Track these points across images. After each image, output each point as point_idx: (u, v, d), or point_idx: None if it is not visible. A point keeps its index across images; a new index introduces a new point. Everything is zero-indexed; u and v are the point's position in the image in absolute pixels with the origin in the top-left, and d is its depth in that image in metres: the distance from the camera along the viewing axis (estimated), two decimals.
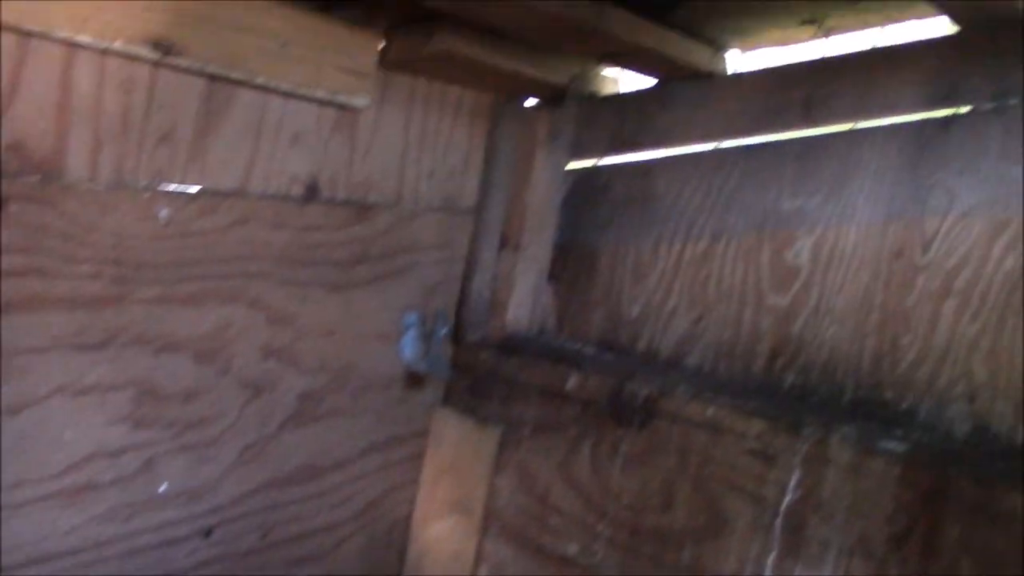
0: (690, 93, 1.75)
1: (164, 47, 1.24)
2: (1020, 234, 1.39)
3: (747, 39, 1.69)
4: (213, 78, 1.34)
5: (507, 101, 1.86)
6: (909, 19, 1.52)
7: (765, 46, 1.70)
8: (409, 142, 1.69)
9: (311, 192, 1.53)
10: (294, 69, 1.40)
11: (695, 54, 1.66)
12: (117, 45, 1.20)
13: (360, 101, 1.53)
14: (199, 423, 1.40)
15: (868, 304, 1.54)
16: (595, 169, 1.92)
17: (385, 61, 1.57)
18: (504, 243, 1.89)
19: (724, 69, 1.75)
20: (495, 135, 1.86)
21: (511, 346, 1.84)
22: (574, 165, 1.92)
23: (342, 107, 1.53)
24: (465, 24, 1.48)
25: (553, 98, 1.84)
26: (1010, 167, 1.41)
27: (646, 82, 1.83)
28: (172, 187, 1.35)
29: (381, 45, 1.56)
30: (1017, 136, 1.40)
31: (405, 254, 1.73)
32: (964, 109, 1.46)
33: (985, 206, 1.43)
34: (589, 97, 1.88)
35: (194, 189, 1.37)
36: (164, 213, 1.33)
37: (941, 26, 1.48)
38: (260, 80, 1.37)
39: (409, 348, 1.77)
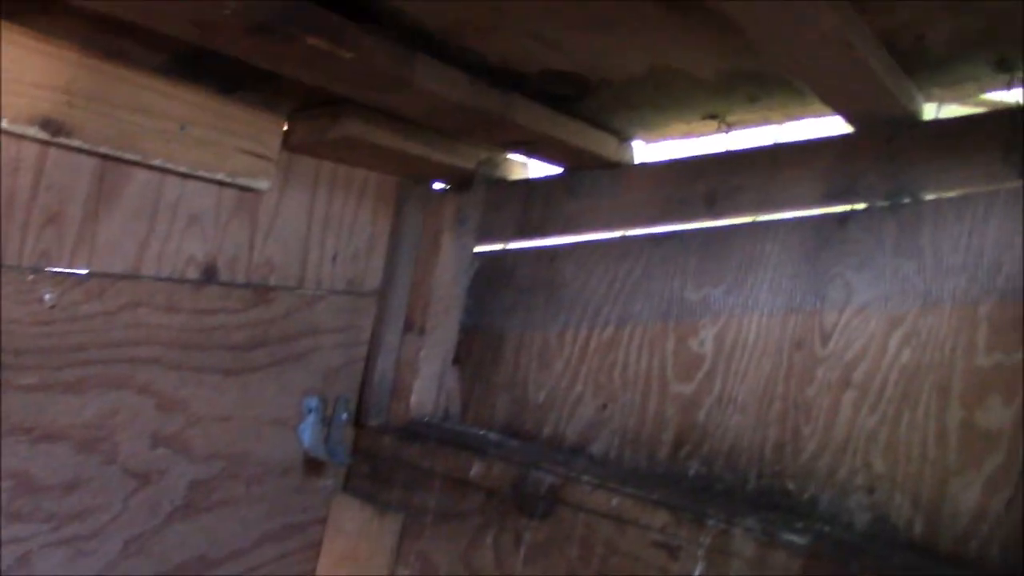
0: (597, 182, 1.77)
1: (54, 127, 1.20)
2: (915, 329, 1.41)
3: (652, 131, 1.71)
4: (106, 158, 1.31)
5: (414, 184, 1.85)
6: (808, 116, 1.56)
7: (670, 138, 1.72)
8: (313, 224, 1.66)
9: (208, 274, 1.49)
10: (193, 151, 1.37)
11: (601, 144, 1.67)
12: (3, 124, 1.16)
13: (262, 184, 1.50)
14: (80, 515, 1.33)
15: (770, 394, 1.54)
16: (502, 253, 1.91)
17: (289, 144, 1.55)
18: (409, 326, 1.86)
19: (631, 159, 1.77)
20: (401, 218, 1.85)
21: (414, 431, 1.80)
22: (481, 249, 1.91)
23: (244, 189, 1.50)
24: (371, 109, 1.46)
25: (461, 182, 1.84)
26: (904, 263, 1.44)
27: (554, 168, 1.84)
28: (59, 269, 1.29)
29: (285, 128, 1.54)
30: (911, 233, 1.44)
31: (306, 337, 1.69)
32: (861, 206, 1.50)
33: (881, 300, 1.45)
34: (497, 181, 1.88)
35: (82, 271, 1.32)
36: (49, 296, 1.28)
37: (839, 125, 1.52)
38: (157, 162, 1.34)
39: (308, 433, 1.72)
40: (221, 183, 1.46)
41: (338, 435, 1.78)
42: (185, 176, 1.41)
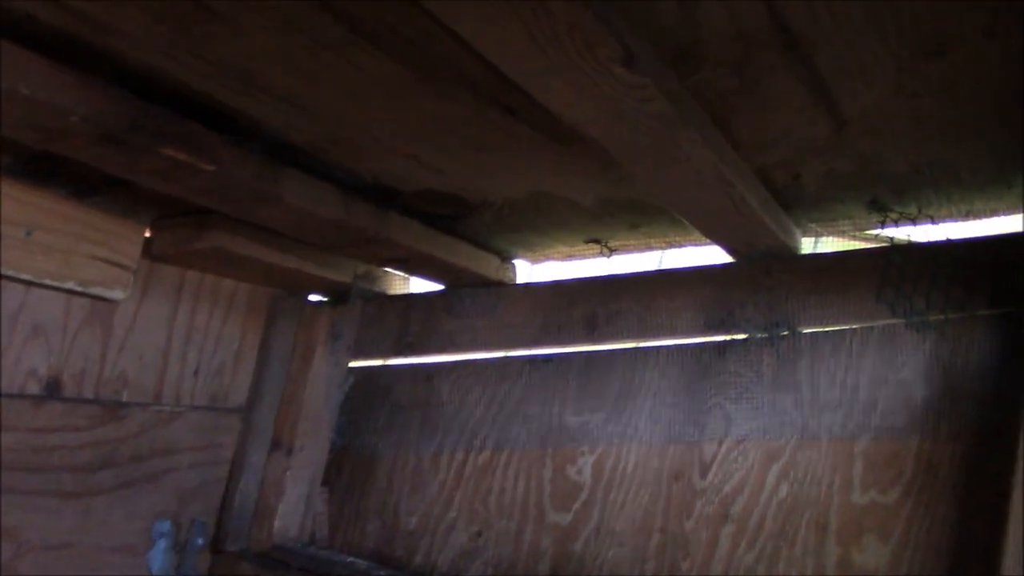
0: (477, 301, 1.72)
1: None
2: (792, 463, 1.39)
3: (535, 252, 1.69)
4: None
5: (287, 296, 1.78)
6: (690, 244, 1.55)
7: (553, 259, 1.70)
8: (174, 336, 1.57)
9: (51, 390, 1.38)
10: (39, 258, 1.28)
11: (482, 263, 1.64)
12: None
13: (117, 293, 1.41)
14: None
15: (649, 526, 1.49)
16: (378, 370, 1.84)
17: (151, 252, 1.47)
18: (276, 445, 1.76)
19: (512, 278, 1.74)
20: (272, 330, 1.77)
21: (276, 558, 1.69)
22: (356, 365, 1.84)
23: (97, 299, 1.41)
24: (239, 220, 1.40)
25: (336, 295, 1.78)
26: (782, 396, 1.42)
27: (435, 285, 1.79)
28: None
29: (146, 235, 1.46)
30: (788, 366, 1.42)
31: (160, 457, 1.58)
32: (740, 336, 1.48)
33: (759, 433, 1.43)
34: (375, 296, 1.82)
35: None
36: None
37: (719, 254, 1.52)
38: None
39: (159, 560, 1.60)
40: (71, 292, 1.37)
41: (191, 562, 1.65)
42: (29, 284, 1.31)
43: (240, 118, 1.13)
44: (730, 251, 1.46)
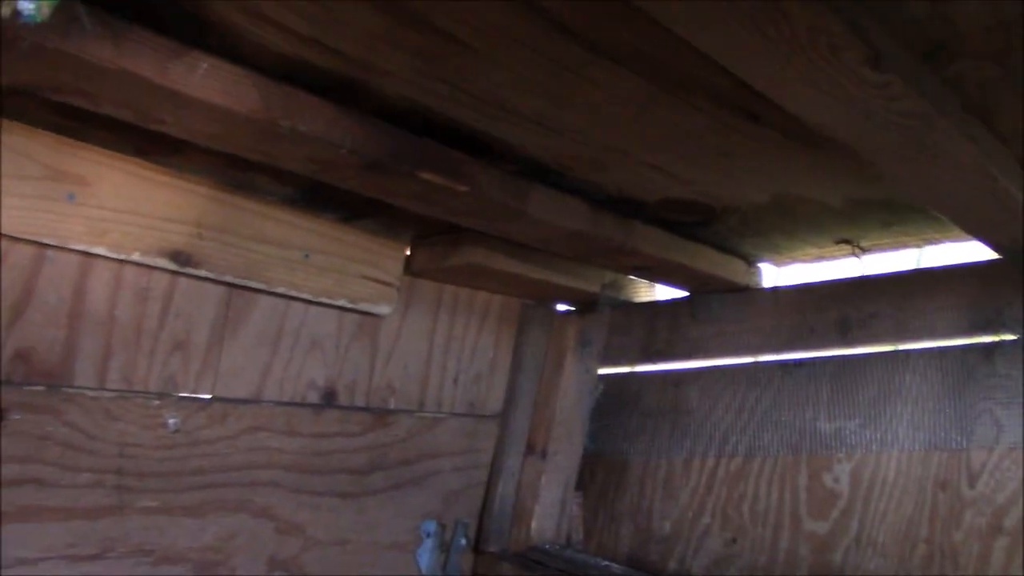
0: (724, 306, 1.71)
1: (183, 258, 1.24)
2: None
3: (782, 255, 1.65)
4: (232, 287, 1.34)
5: (537, 306, 1.84)
6: (948, 241, 1.47)
7: (801, 261, 1.66)
8: (434, 347, 1.66)
9: (328, 398, 1.49)
10: (316, 278, 1.39)
11: (727, 268, 1.62)
12: (135, 256, 1.20)
13: (383, 309, 1.51)
14: None
15: (913, 537, 1.42)
16: (626, 377, 1.86)
17: (411, 269, 1.56)
18: (530, 450, 1.82)
19: (759, 282, 1.71)
20: (523, 340, 1.83)
21: (534, 559, 1.74)
22: (605, 371, 1.87)
23: (365, 314, 1.51)
24: (491, 235, 1.46)
25: (584, 304, 1.82)
26: None
27: (680, 291, 1.79)
28: (183, 395, 1.31)
29: (407, 254, 1.55)
30: None
31: (425, 460, 1.67)
32: (1009, 337, 1.39)
33: None
34: (621, 304, 1.85)
35: (206, 397, 1.34)
36: (173, 421, 1.30)
37: (982, 250, 1.43)
38: (281, 289, 1.37)
39: (426, 558, 1.69)
40: (343, 308, 1.48)
41: (456, 561, 1.74)
42: (308, 303, 1.44)
43: (492, 142, 1.18)
44: (995, 247, 1.37)
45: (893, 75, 0.81)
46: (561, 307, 1.86)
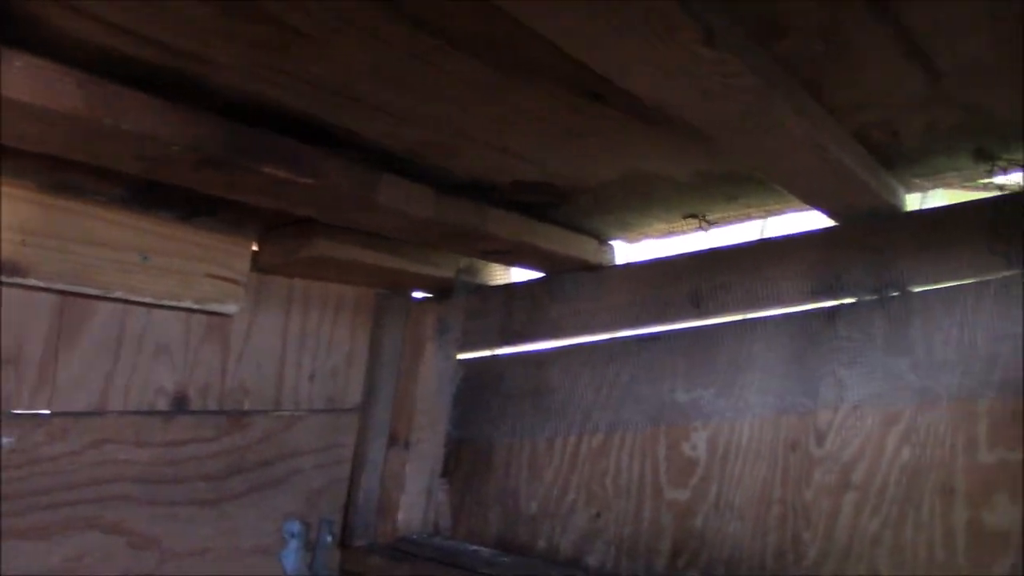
0: (579, 285, 1.72)
1: (8, 268, 1.16)
2: (913, 426, 1.36)
3: (632, 231, 1.68)
4: (64, 294, 1.26)
5: (393, 295, 1.81)
6: (790, 211, 1.52)
7: (651, 237, 1.69)
8: (288, 344, 1.62)
9: (178, 404, 1.44)
10: (157, 280, 1.33)
11: (580, 247, 1.64)
12: None
13: (231, 308, 1.46)
14: None
15: (768, 498, 1.48)
16: (487, 361, 1.86)
17: (259, 265, 1.51)
18: (393, 441, 1.80)
19: (612, 260, 1.73)
20: (381, 330, 1.80)
21: (403, 550, 1.73)
22: (465, 356, 1.86)
23: (213, 314, 1.46)
24: (341, 227, 1.43)
25: (440, 290, 1.80)
26: (896, 359, 1.39)
27: (536, 272, 1.80)
28: (18, 412, 1.24)
29: (254, 249, 1.50)
30: (901, 328, 1.39)
31: (285, 460, 1.63)
32: (848, 301, 1.45)
33: (875, 398, 1.39)
34: (478, 288, 1.84)
35: (44, 412, 1.27)
36: (7, 441, 1.22)
37: (822, 218, 1.48)
38: (118, 294, 1.30)
39: (291, 559, 1.65)
40: (189, 310, 1.42)
41: (323, 559, 1.70)
42: (150, 306, 1.37)
43: (336, 131, 1.15)
44: (832, 214, 1.43)
45: (727, 52, 0.82)
46: (417, 295, 1.84)
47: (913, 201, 1.46)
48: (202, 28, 0.87)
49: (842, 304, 1.45)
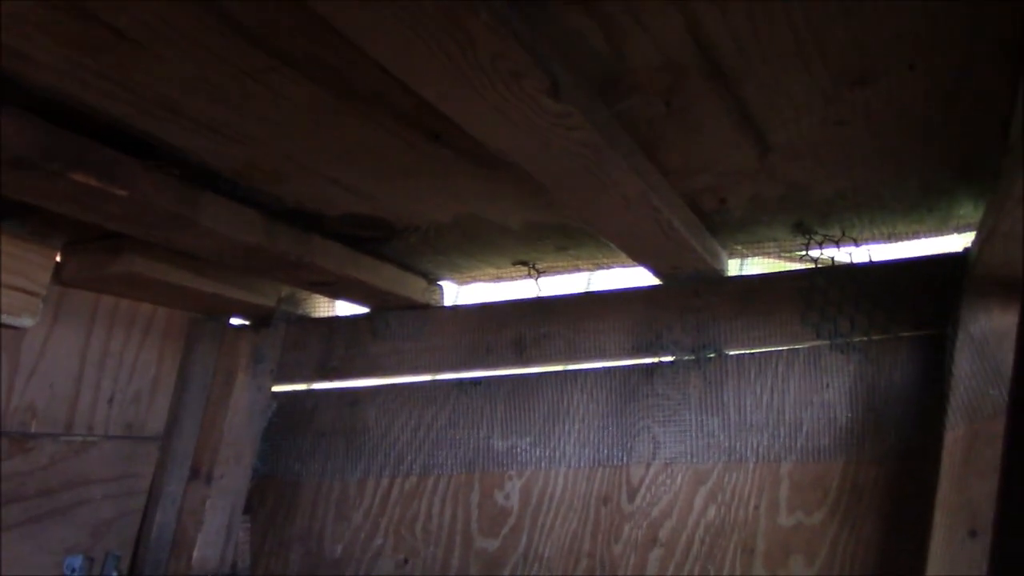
0: (403, 324, 1.69)
1: None
2: (720, 485, 1.39)
3: (462, 274, 1.66)
4: None
5: (207, 320, 1.73)
6: (617, 266, 1.55)
7: (481, 281, 1.68)
8: (86, 364, 1.51)
9: None
10: None
11: (408, 286, 1.61)
12: None
13: (25, 321, 1.35)
14: None
15: (577, 551, 1.47)
16: (302, 395, 1.80)
17: (62, 278, 1.41)
18: (195, 474, 1.71)
19: (439, 301, 1.71)
20: (191, 356, 1.71)
21: None
22: (279, 390, 1.80)
23: (3, 327, 1.34)
24: (156, 244, 1.35)
25: (258, 318, 1.74)
26: (709, 418, 1.42)
27: (360, 308, 1.76)
28: None
29: (57, 260, 1.40)
30: (715, 388, 1.42)
31: (71, 489, 1.51)
32: (668, 359, 1.48)
33: (687, 456, 1.42)
34: (299, 319, 1.78)
35: None
36: None
37: (648, 276, 1.51)
38: None
39: None
40: None
41: None
42: None
43: (159, 144, 1.08)
44: (658, 273, 1.46)
45: (571, 106, 0.82)
46: (234, 321, 1.77)
47: (734, 266, 1.51)
48: (22, 20, 0.80)
49: (661, 362, 1.48)
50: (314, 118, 1.00)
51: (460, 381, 1.64)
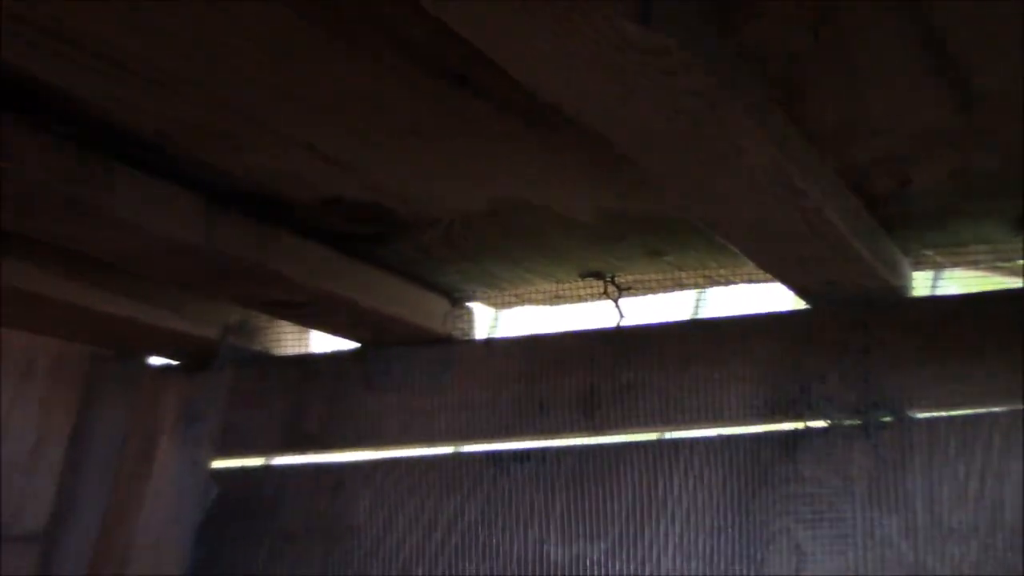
0: (413, 366, 1.72)
1: None
2: None
3: (502, 291, 1.68)
4: None
5: (114, 358, 1.77)
6: (738, 281, 1.56)
7: (530, 303, 1.69)
8: None
9: None
10: None
11: (419, 308, 1.64)
12: None
13: None
14: None
15: None
16: (259, 473, 1.84)
17: None
18: None
19: (468, 331, 1.73)
20: (90, 412, 1.76)
21: None
22: (223, 465, 1.83)
23: None
24: (47, 246, 1.38)
25: (193, 357, 1.78)
26: (884, 516, 1.42)
27: (346, 342, 1.80)
28: None
29: None
30: (893, 471, 1.42)
31: None
32: (818, 424, 1.48)
33: (850, 573, 1.44)
34: (254, 359, 1.82)
35: None
36: None
37: (789, 297, 1.52)
38: None
39: None
40: None
41: None
42: None
43: (46, 91, 1.11)
44: (802, 293, 1.46)
45: (667, 36, 0.83)
46: (155, 360, 1.81)
47: (922, 282, 1.51)
48: None
49: (808, 428, 1.49)
50: (282, 54, 1.01)
51: (499, 455, 1.66)
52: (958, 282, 1.54)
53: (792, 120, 1.09)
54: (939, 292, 1.51)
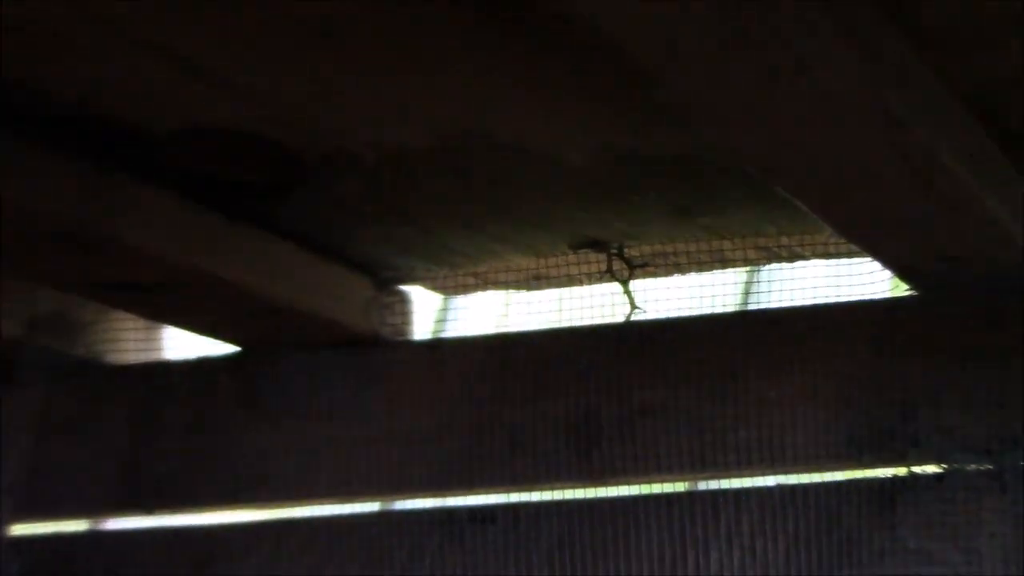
0: (320, 380, 1.73)
1: None
2: None
3: (455, 268, 1.67)
4: None
5: None
6: (811, 255, 1.58)
7: (497, 285, 1.70)
8: None
9: None
10: None
11: (331, 292, 1.65)
12: None
13: None
14: None
15: None
16: (78, 542, 1.85)
17: None
18: None
19: (404, 327, 1.74)
20: None
21: None
22: (25, 531, 1.85)
23: None
24: None
25: None
26: None
27: (221, 345, 1.83)
28: None
29: None
30: None
31: None
32: (925, 469, 1.51)
33: None
34: (77, 369, 1.84)
35: None
36: None
37: (877, 279, 1.53)
38: None
39: None
40: None
41: None
42: None
43: None
44: (906, 273, 1.47)
45: None
46: None
47: None
48: None
49: (912, 476, 1.51)
50: None
51: (449, 513, 1.67)
52: None
53: (891, 17, 1.11)
54: None
